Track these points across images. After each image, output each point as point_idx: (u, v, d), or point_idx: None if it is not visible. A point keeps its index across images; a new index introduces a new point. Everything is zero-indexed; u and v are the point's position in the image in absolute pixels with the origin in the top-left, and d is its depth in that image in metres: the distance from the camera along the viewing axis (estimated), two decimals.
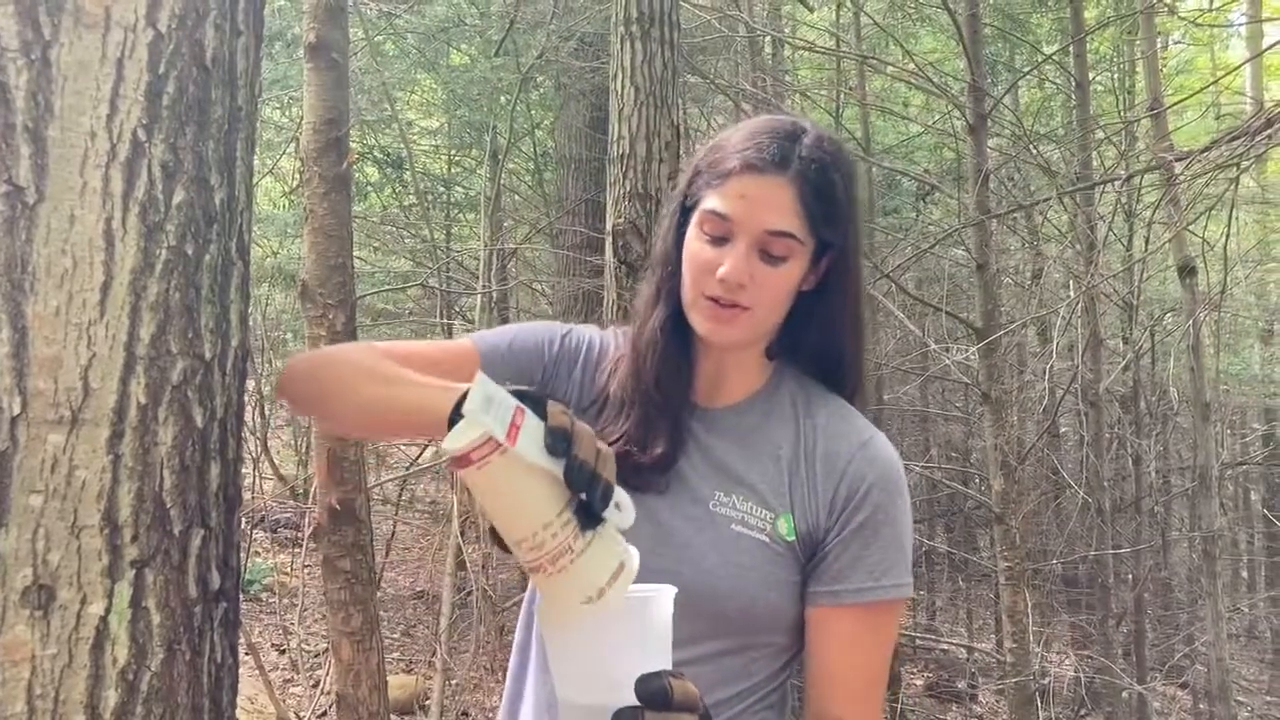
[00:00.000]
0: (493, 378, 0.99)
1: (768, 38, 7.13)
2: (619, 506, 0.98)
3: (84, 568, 0.93)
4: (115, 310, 0.96)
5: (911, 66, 5.68)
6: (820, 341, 1.32)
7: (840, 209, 1.24)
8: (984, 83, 4.92)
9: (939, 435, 9.45)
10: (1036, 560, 6.93)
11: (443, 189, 8.05)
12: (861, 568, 1.22)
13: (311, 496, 5.01)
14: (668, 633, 0.97)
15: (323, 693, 5.30)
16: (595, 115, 5.90)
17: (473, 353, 1.33)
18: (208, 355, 1.03)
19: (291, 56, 6.42)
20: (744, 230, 1.21)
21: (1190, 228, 4.82)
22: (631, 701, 0.91)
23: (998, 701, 7.88)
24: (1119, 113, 7.30)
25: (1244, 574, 12.26)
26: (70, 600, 0.92)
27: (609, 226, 3.19)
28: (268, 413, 8.44)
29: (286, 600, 6.62)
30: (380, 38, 6.62)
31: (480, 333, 1.42)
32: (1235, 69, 9.58)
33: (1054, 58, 7.31)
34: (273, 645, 6.71)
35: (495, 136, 6.23)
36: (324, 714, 5.44)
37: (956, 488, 7.37)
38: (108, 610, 0.94)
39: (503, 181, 6.86)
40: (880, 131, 8.46)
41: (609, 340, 1.40)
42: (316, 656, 6.34)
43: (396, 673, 6.34)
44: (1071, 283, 6.96)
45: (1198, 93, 6.18)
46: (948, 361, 5.17)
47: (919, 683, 8.27)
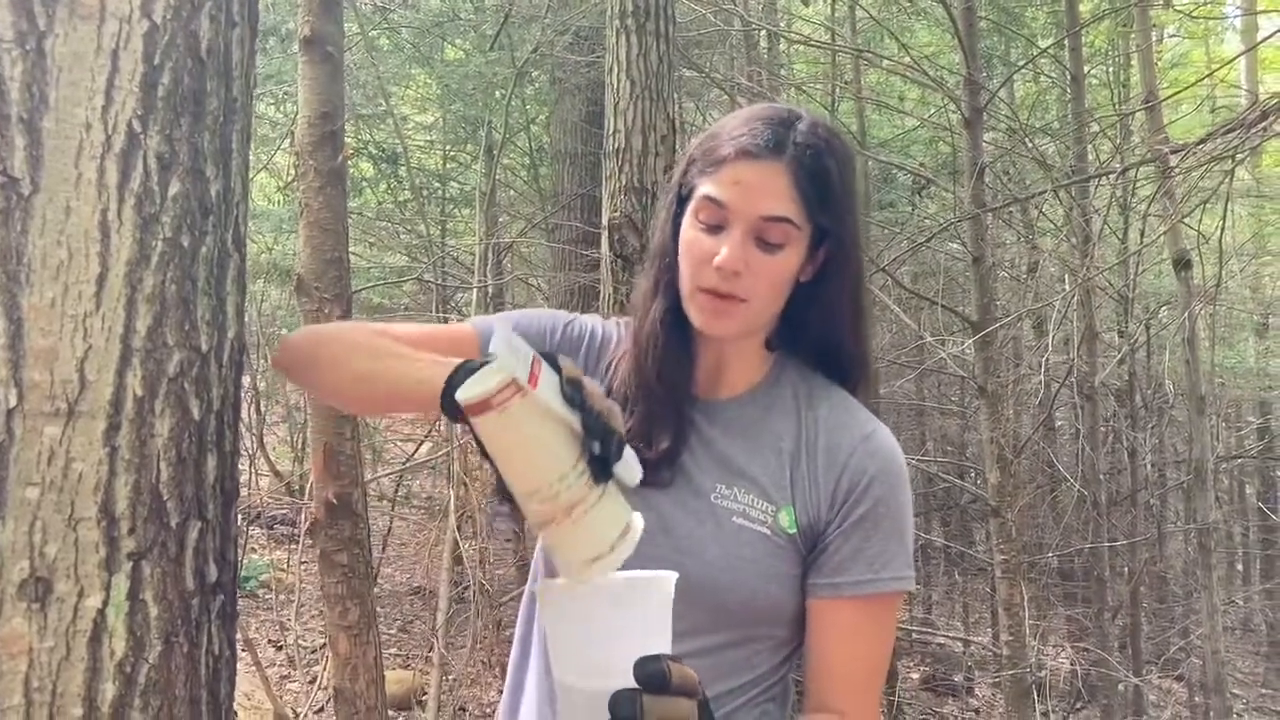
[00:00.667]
0: None
1: (763, 32, 7.12)
2: (630, 462, 0.99)
3: (81, 560, 0.93)
4: (111, 302, 0.95)
5: (907, 60, 5.68)
6: (820, 332, 1.30)
7: (835, 194, 1.23)
8: (979, 76, 4.92)
9: (935, 429, 9.46)
10: (1032, 553, 6.95)
11: (438, 184, 8.04)
12: (862, 560, 1.22)
13: (308, 492, 5.01)
14: (668, 618, 0.97)
15: (320, 688, 5.30)
16: (591, 110, 5.89)
17: (471, 336, 1.34)
18: (204, 347, 1.03)
19: (286, 51, 6.42)
20: (739, 217, 1.20)
21: (1185, 221, 4.83)
22: (630, 685, 0.91)
23: (994, 694, 7.90)
24: (1114, 106, 7.30)
25: (1239, 567, 12.30)
26: (67, 593, 0.92)
27: (605, 221, 3.18)
28: (263, 409, 8.43)
29: (283, 596, 6.62)
30: (375, 32, 6.61)
31: (479, 316, 1.42)
32: (1230, 61, 9.60)
33: (1049, 51, 7.31)
34: (269, 641, 6.71)
35: (490, 131, 6.21)
36: (321, 709, 5.44)
37: (953, 481, 7.37)
38: (105, 603, 0.94)
39: (498, 177, 6.86)
40: (876, 126, 8.47)
41: (611, 330, 1.40)
42: (313, 652, 6.34)
43: (394, 668, 6.34)
44: (1067, 277, 6.97)
45: (1192, 85, 6.19)
46: (943, 355, 5.17)
47: (915, 676, 8.29)
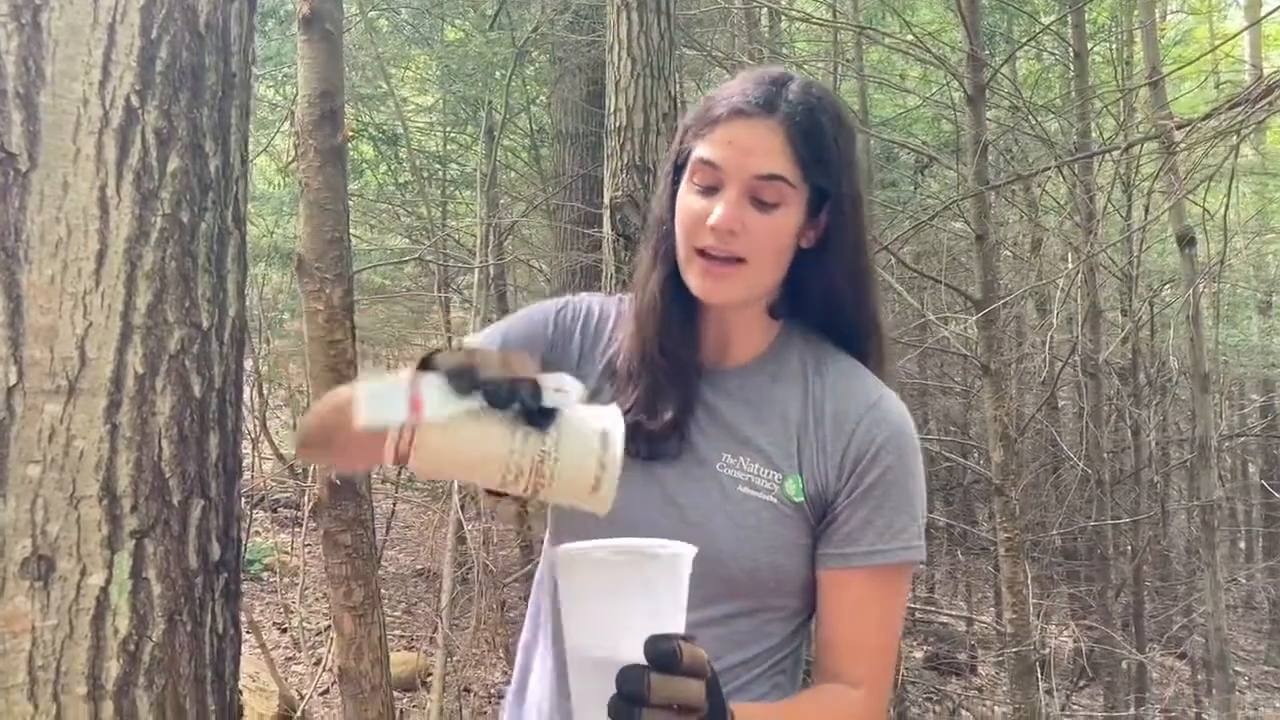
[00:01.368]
0: None
1: (764, 9, 7.08)
2: (559, 389, 0.96)
3: (83, 538, 0.93)
4: (111, 279, 0.95)
5: (910, 37, 5.64)
6: (823, 298, 1.29)
7: (830, 153, 1.22)
8: (982, 53, 4.89)
9: (938, 410, 9.44)
10: (1036, 532, 6.95)
11: (438, 166, 8.01)
12: (871, 530, 1.21)
13: (311, 474, 5.01)
14: (683, 593, 0.96)
15: (325, 670, 5.32)
16: (591, 89, 5.86)
17: None
18: (205, 325, 1.02)
19: (285, 33, 6.38)
20: (733, 176, 1.20)
21: (1189, 197, 4.80)
22: (640, 659, 0.90)
23: (997, 673, 7.92)
24: (1118, 84, 7.26)
25: (1241, 545, 12.30)
26: (70, 571, 0.92)
27: (606, 199, 3.17)
28: (266, 392, 8.43)
29: (287, 579, 6.64)
30: (374, 13, 6.58)
31: (472, 336, 1.41)
32: (1234, 36, 9.54)
33: (1052, 28, 7.27)
34: (274, 624, 6.73)
35: (490, 112, 6.19)
36: (326, 691, 5.46)
37: (956, 460, 7.37)
38: (108, 581, 0.93)
39: (499, 158, 6.83)
40: (878, 105, 8.42)
41: (611, 306, 1.39)
42: (318, 635, 6.36)
43: (398, 650, 6.36)
44: (1070, 255, 6.94)
45: (1197, 59, 6.15)
46: (945, 334, 5.16)
47: (918, 655, 8.30)
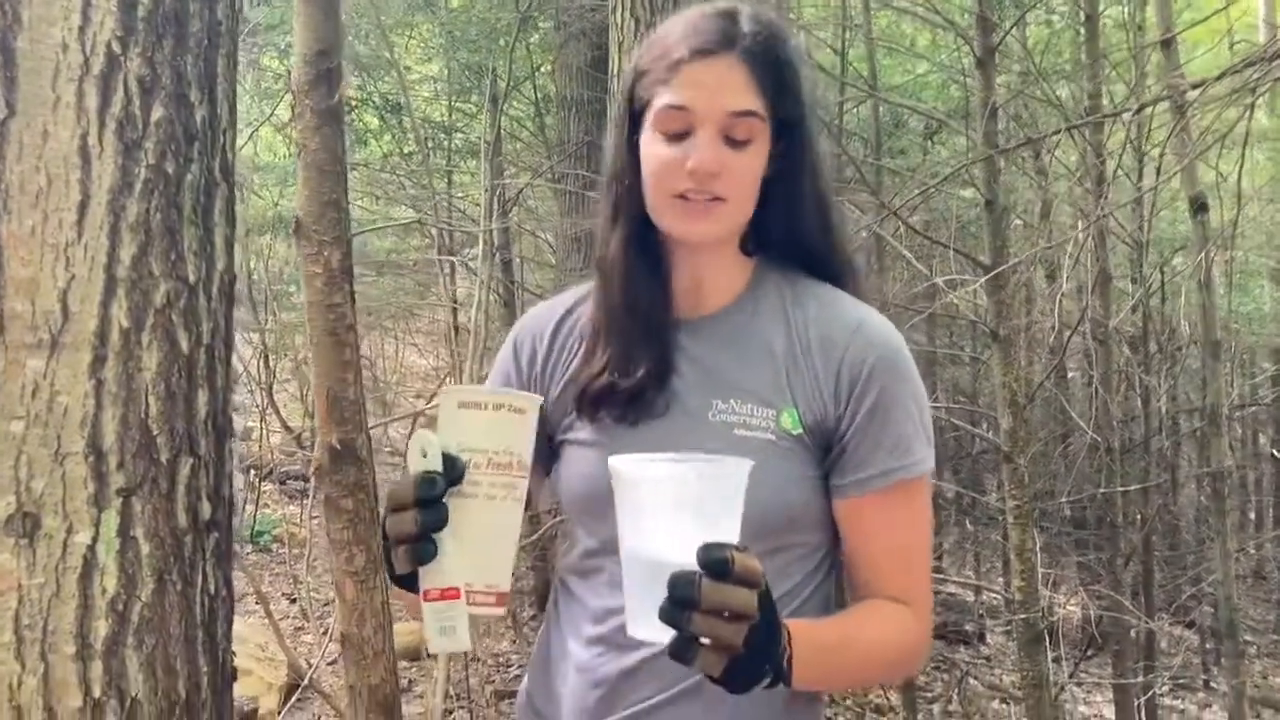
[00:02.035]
0: None
1: None
2: (424, 453, 0.98)
3: (69, 495, 0.91)
4: (94, 230, 0.92)
5: (919, 0, 5.57)
6: (788, 226, 1.27)
7: (793, 80, 1.21)
8: (992, 16, 4.82)
9: (946, 379, 9.41)
10: (1044, 500, 6.93)
11: (443, 135, 7.97)
12: (881, 451, 1.20)
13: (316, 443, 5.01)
14: (738, 504, 0.96)
15: (332, 639, 5.34)
16: (596, 54, 5.79)
17: None
18: (192, 278, 1.00)
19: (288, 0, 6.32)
20: (705, 118, 1.17)
21: (1203, 160, 4.75)
22: (692, 565, 0.89)
23: (1005, 642, 7.92)
24: (1129, 48, 7.17)
25: (1251, 515, 12.26)
26: (55, 528, 0.90)
27: None
28: (272, 364, 8.43)
29: (295, 551, 6.66)
30: None
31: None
32: None
33: None
34: (283, 595, 6.76)
35: (495, 80, 6.14)
36: (334, 660, 5.48)
37: (965, 428, 7.34)
38: (95, 539, 0.92)
39: (504, 127, 6.78)
40: (887, 71, 8.35)
41: (543, 312, 1.39)
42: (326, 605, 6.38)
43: (404, 619, 6.38)
44: (1080, 222, 6.88)
45: (1210, 16, 6.06)
46: (952, 298, 5.12)
47: None
